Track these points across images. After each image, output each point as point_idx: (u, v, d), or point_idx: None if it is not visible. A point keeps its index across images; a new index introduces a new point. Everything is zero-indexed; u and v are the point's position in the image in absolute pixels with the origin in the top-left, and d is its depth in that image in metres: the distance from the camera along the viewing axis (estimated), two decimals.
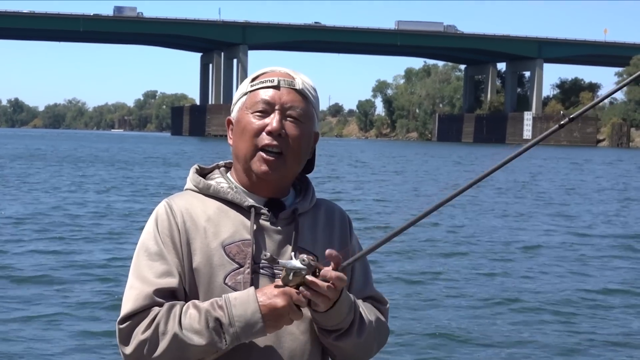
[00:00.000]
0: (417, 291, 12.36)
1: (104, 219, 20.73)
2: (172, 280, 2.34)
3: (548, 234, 19.97)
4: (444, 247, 17.16)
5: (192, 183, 2.50)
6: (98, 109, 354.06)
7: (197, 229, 2.39)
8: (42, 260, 14.26)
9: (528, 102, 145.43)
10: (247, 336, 2.27)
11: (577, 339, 9.77)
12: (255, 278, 2.37)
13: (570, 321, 10.69)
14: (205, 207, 2.43)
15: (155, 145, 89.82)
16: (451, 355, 9.01)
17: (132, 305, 2.31)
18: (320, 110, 2.58)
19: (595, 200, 30.59)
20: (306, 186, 2.57)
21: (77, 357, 8.62)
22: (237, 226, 2.41)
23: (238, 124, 2.46)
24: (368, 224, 20.07)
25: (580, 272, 14.54)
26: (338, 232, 2.54)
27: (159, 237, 2.38)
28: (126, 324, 2.31)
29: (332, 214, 2.56)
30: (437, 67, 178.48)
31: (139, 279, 2.35)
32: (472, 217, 22.95)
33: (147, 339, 2.27)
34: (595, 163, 66.32)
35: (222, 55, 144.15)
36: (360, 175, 42.77)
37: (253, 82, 2.47)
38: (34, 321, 9.98)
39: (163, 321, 2.27)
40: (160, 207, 2.44)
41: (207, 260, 2.37)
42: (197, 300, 2.33)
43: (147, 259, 2.37)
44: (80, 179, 35.47)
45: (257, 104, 2.43)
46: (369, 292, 2.57)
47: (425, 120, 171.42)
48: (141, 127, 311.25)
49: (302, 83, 2.46)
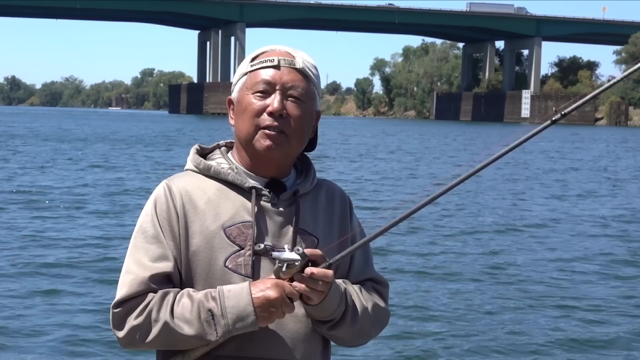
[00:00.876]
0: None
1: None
2: (168, 265, 2.34)
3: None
4: (445, 225, 17.18)
5: (193, 164, 2.48)
6: (95, 86, 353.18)
7: (197, 212, 2.38)
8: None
9: (526, 81, 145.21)
10: (239, 329, 2.26)
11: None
12: (256, 260, 2.36)
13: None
14: (205, 189, 2.42)
15: (156, 123, 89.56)
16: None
17: (126, 291, 2.31)
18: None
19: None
20: (307, 166, 2.55)
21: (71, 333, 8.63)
22: (237, 208, 2.39)
23: (239, 104, 2.44)
24: (370, 205, 20.02)
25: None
26: (338, 213, 2.53)
27: (157, 220, 2.37)
28: (120, 309, 2.32)
29: (332, 195, 2.55)
30: (436, 45, 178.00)
31: (135, 262, 2.35)
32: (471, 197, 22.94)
33: (139, 325, 2.28)
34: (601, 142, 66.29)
35: (220, 33, 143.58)
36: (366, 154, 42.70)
37: (253, 62, 2.45)
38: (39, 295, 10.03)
39: (155, 308, 2.28)
40: (159, 189, 2.42)
41: (207, 242, 2.35)
42: (192, 290, 2.32)
43: (144, 241, 2.37)
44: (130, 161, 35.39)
45: (257, 84, 2.41)
46: (369, 274, 2.56)
47: (423, 98, 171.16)
48: (138, 105, 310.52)
49: (303, 62, 2.44)
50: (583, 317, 9.81)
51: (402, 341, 8.67)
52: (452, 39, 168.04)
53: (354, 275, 2.50)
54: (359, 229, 2.58)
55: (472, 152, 44.01)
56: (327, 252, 2.39)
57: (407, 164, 36.20)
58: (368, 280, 2.55)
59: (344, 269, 2.49)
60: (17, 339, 8.40)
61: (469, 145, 55.08)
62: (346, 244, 2.47)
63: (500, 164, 30.93)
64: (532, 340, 8.83)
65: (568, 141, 64.32)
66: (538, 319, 9.69)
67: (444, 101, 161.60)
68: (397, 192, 23.77)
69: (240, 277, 2.34)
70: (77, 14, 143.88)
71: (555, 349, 8.53)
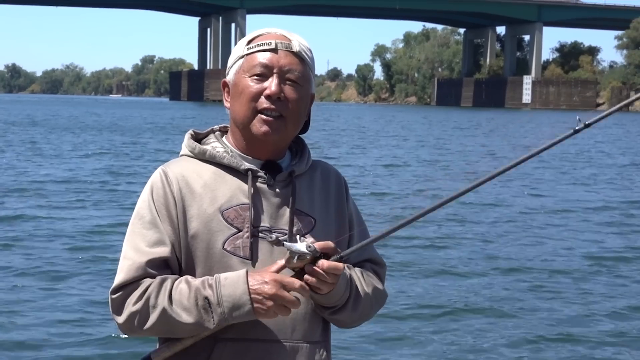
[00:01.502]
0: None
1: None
2: (165, 249, 2.34)
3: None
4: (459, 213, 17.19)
5: (188, 149, 2.49)
6: (96, 74, 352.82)
7: (194, 196, 2.39)
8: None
9: (527, 66, 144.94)
10: (235, 317, 2.26)
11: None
12: (254, 242, 2.37)
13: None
14: (202, 173, 2.42)
15: (160, 110, 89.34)
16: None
17: (124, 276, 2.32)
18: (318, 74, 2.56)
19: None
20: (302, 147, 2.56)
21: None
22: (234, 190, 2.40)
23: (235, 87, 2.44)
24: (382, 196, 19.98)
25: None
26: (334, 194, 2.55)
27: (154, 205, 2.38)
28: (118, 294, 2.33)
29: (328, 175, 2.57)
30: (436, 31, 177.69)
31: (133, 248, 2.36)
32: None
33: (137, 311, 2.29)
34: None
35: (220, 19, 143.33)
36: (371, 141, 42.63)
37: (249, 45, 2.44)
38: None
39: (154, 294, 2.28)
40: (156, 175, 2.43)
41: (205, 226, 2.36)
42: (190, 276, 2.33)
43: (141, 227, 2.37)
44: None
45: (254, 68, 2.41)
46: (368, 255, 2.58)
47: (424, 84, 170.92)
48: (139, 92, 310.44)
49: (299, 45, 2.44)
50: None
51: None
52: (453, 24, 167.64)
53: (354, 256, 2.51)
54: (355, 211, 2.60)
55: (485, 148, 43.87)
56: (326, 235, 2.41)
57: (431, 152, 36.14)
58: (367, 261, 2.57)
59: (343, 249, 2.49)
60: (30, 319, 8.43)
61: (478, 135, 55.01)
62: (345, 228, 2.51)
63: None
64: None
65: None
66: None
67: (445, 87, 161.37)
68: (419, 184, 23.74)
69: (239, 259, 2.35)
70: (78, 1, 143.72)
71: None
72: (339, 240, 2.46)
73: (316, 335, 2.45)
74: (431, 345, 8.14)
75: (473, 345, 8.16)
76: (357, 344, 7.94)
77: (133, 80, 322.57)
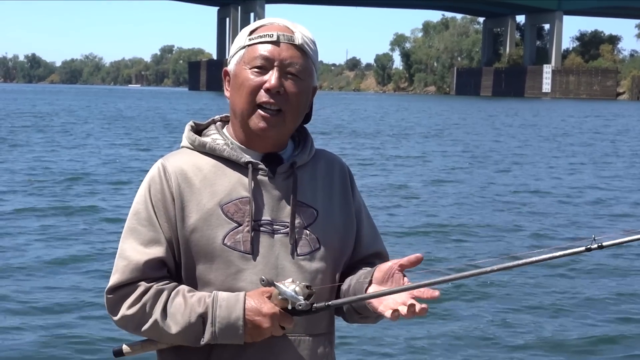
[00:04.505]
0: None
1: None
2: (160, 249, 2.32)
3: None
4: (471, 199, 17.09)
5: (188, 141, 2.45)
6: (115, 64, 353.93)
7: (193, 190, 2.35)
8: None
9: (547, 55, 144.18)
10: (224, 339, 2.26)
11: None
12: (255, 236, 2.34)
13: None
14: (201, 166, 2.38)
15: (191, 100, 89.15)
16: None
17: (119, 277, 2.31)
18: (337, 64, 2.51)
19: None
20: (304, 137, 2.51)
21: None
22: (234, 184, 2.36)
23: (235, 78, 2.40)
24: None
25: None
26: (339, 184, 2.50)
27: (150, 202, 2.35)
28: (113, 295, 2.33)
29: (332, 166, 2.52)
30: (456, 20, 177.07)
31: (128, 247, 2.34)
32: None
33: (132, 316, 2.30)
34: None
35: (239, 9, 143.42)
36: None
37: (251, 36, 2.40)
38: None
39: (149, 304, 2.28)
40: (154, 170, 2.39)
41: (205, 221, 2.32)
42: (187, 288, 2.31)
43: (137, 224, 2.35)
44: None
45: (255, 60, 2.36)
46: (378, 248, 2.56)
47: (443, 74, 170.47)
48: (158, 82, 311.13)
49: (302, 37, 2.38)
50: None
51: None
52: (472, 13, 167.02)
53: (364, 248, 2.50)
54: (362, 203, 2.56)
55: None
56: (329, 226, 2.40)
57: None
58: (375, 255, 2.53)
59: (350, 245, 2.48)
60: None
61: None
62: (352, 219, 2.48)
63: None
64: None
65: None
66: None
67: (464, 76, 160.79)
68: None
69: (240, 254, 2.32)
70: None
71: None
72: (345, 234, 2.44)
73: (320, 327, 2.42)
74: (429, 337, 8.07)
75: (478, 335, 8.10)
76: (358, 330, 7.81)
77: (152, 70, 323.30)
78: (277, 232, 2.35)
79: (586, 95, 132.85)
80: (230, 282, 2.31)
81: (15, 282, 9.64)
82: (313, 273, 2.37)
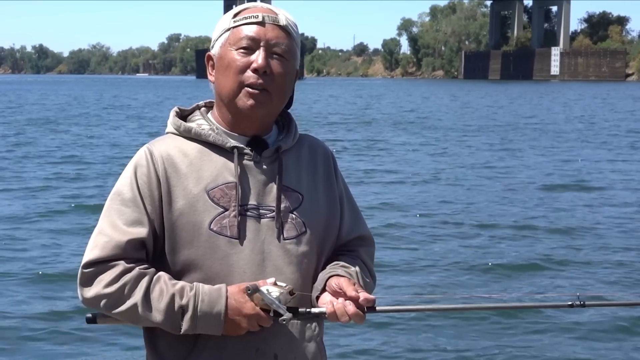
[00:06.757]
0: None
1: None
2: (142, 230, 2.31)
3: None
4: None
5: (173, 126, 2.45)
6: (122, 53, 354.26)
7: (179, 175, 2.34)
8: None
9: (555, 38, 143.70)
10: (202, 330, 2.26)
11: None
12: (241, 221, 2.33)
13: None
14: (187, 151, 2.38)
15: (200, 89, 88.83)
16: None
17: (99, 252, 2.28)
18: (345, 50, 2.51)
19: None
20: (288, 122, 2.52)
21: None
22: (219, 169, 2.36)
23: (221, 60, 2.39)
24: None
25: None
26: (322, 168, 2.51)
27: (136, 184, 2.33)
28: (90, 270, 2.29)
29: (315, 150, 2.53)
30: (463, 3, 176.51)
31: (110, 224, 2.32)
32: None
33: (109, 294, 2.26)
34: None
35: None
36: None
37: (235, 18, 2.40)
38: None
39: (129, 286, 2.26)
40: (140, 154, 2.38)
41: (191, 206, 2.32)
42: (168, 276, 2.30)
43: (120, 204, 2.33)
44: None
45: (241, 40, 2.36)
46: (360, 231, 2.56)
47: (451, 58, 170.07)
48: (166, 70, 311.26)
49: (286, 19, 2.40)
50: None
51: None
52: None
53: (346, 233, 2.50)
54: (344, 188, 2.57)
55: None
56: (314, 210, 2.41)
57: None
58: (358, 238, 2.54)
59: (335, 229, 2.48)
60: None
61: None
62: (336, 203, 2.49)
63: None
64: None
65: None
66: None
67: (472, 60, 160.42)
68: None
69: (226, 239, 2.31)
70: None
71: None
72: (330, 218, 2.45)
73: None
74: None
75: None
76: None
77: (159, 59, 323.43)
78: (264, 217, 2.35)
79: (595, 77, 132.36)
80: (217, 267, 2.31)
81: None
82: (299, 257, 2.37)
